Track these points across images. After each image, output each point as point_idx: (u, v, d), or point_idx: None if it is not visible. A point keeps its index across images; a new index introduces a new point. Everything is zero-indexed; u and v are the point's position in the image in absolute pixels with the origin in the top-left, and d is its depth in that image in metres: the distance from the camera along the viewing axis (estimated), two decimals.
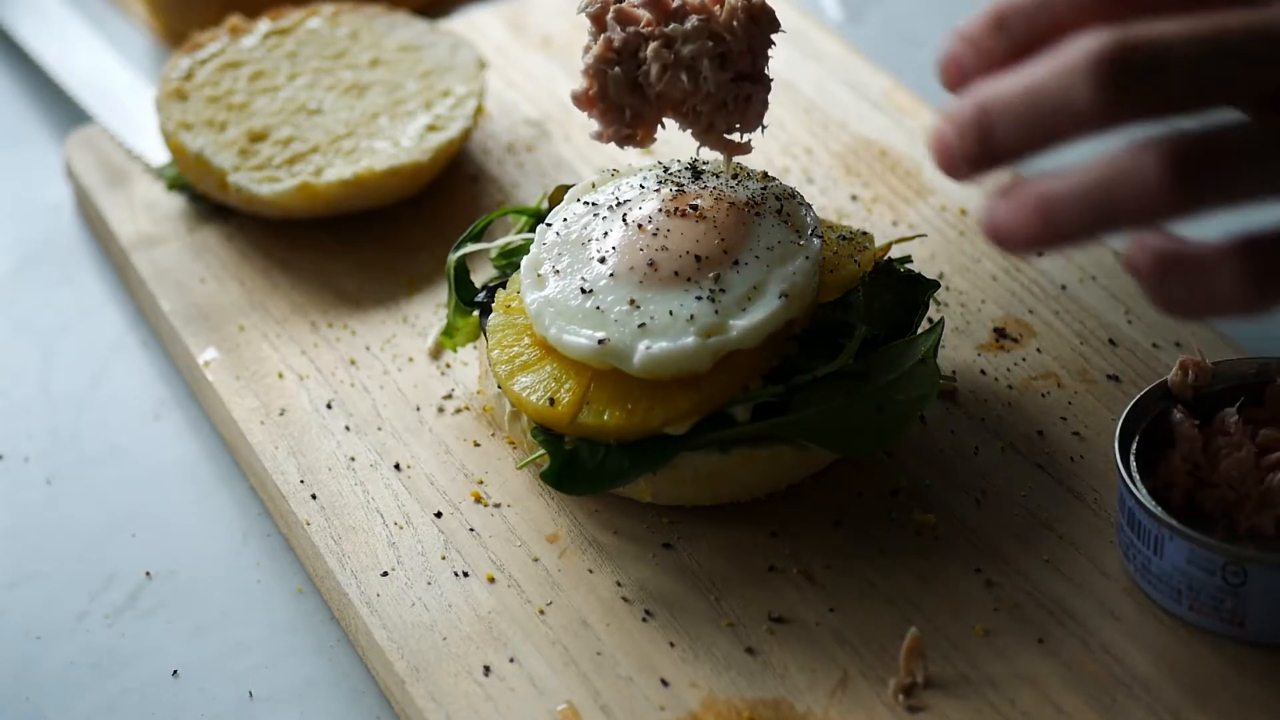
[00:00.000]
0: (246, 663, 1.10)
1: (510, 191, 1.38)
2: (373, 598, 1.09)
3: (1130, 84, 0.85)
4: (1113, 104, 0.85)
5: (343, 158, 1.33)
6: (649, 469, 1.08)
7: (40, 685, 1.10)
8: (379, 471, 1.17)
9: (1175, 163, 0.85)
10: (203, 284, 1.31)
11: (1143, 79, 0.85)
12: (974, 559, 1.09)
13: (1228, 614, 1.03)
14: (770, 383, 1.09)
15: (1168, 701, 1.01)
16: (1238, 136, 0.86)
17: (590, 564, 1.10)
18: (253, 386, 1.23)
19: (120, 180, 1.40)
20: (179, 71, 1.39)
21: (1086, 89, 0.85)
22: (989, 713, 1.01)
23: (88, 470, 1.23)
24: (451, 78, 1.39)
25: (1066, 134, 0.87)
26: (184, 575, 1.16)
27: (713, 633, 1.06)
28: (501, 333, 1.13)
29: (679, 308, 1.08)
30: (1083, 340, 1.22)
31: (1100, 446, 1.15)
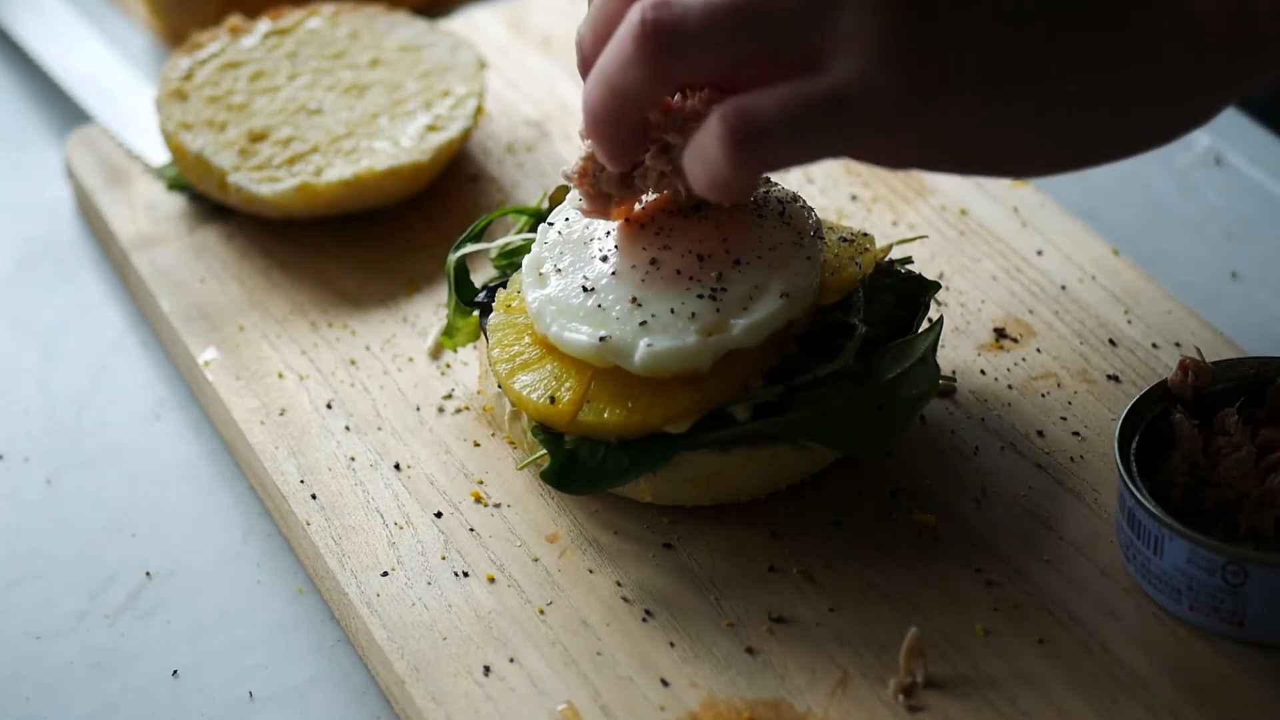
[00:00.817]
0: (246, 663, 1.10)
1: (510, 191, 1.38)
2: (373, 598, 1.09)
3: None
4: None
5: (343, 158, 1.33)
6: (649, 468, 1.08)
7: (40, 685, 1.10)
8: (379, 471, 1.17)
9: (648, 23, 0.95)
10: (203, 284, 1.31)
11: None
12: (974, 559, 1.09)
13: (1228, 614, 1.03)
14: (770, 382, 1.09)
15: (1168, 701, 1.01)
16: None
17: (590, 564, 1.10)
18: (253, 386, 1.23)
19: (120, 180, 1.40)
20: (179, 71, 1.39)
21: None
22: (989, 713, 1.01)
23: (88, 470, 1.23)
24: (451, 78, 1.39)
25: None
26: (184, 575, 1.16)
27: (713, 633, 1.06)
28: (502, 332, 1.13)
29: (680, 306, 1.08)
30: (1083, 340, 1.22)
31: (1100, 446, 1.15)
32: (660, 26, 0.95)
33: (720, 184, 0.96)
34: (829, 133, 0.93)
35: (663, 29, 0.95)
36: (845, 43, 0.92)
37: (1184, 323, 1.22)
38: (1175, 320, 1.23)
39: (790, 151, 0.94)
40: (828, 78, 0.92)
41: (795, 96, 0.93)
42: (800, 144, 0.94)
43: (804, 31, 0.93)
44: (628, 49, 0.96)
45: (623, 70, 0.97)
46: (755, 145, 0.93)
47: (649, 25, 0.95)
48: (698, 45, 0.95)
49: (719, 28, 0.94)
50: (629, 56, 0.96)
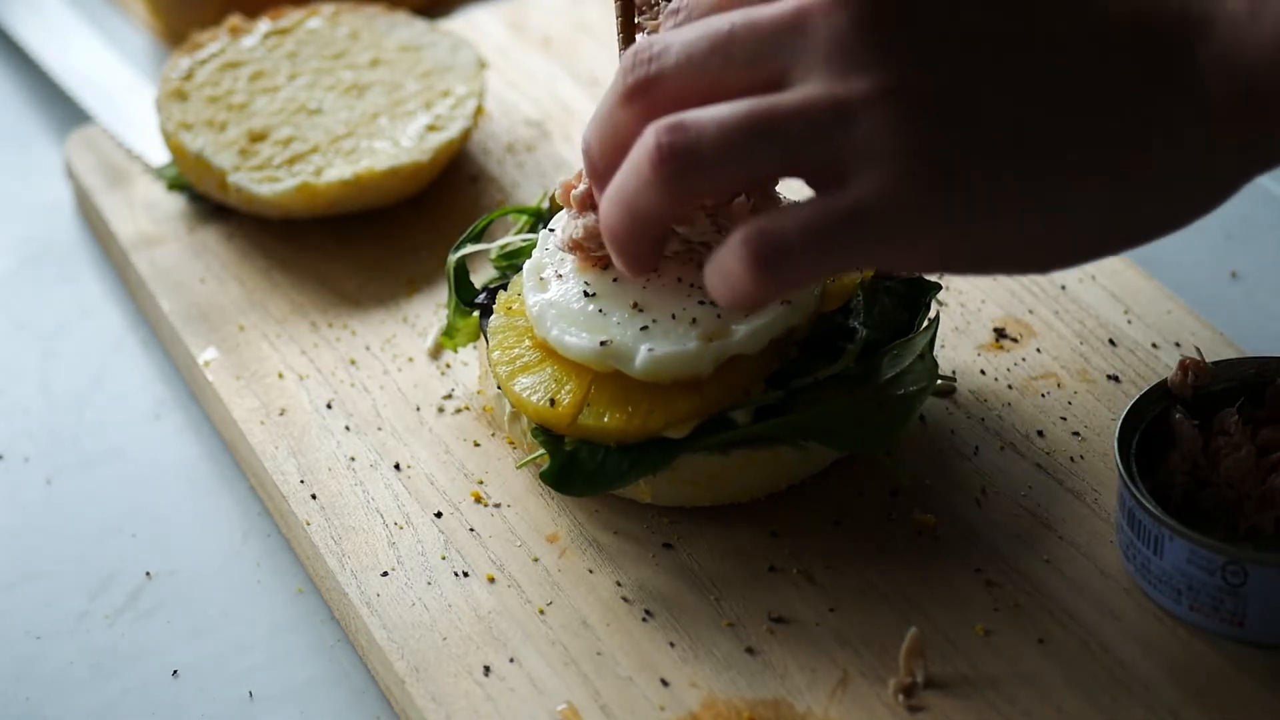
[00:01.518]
0: (246, 663, 1.10)
1: (510, 191, 1.38)
2: (373, 598, 1.09)
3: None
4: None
5: (343, 158, 1.33)
6: (649, 470, 1.08)
7: (40, 685, 1.10)
8: (379, 471, 1.17)
9: (657, 140, 0.94)
10: (203, 284, 1.31)
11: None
12: (974, 559, 1.09)
13: (1228, 614, 1.03)
14: (772, 386, 1.09)
15: (1168, 701, 1.01)
16: (711, 114, 0.94)
17: (590, 564, 1.10)
18: (253, 386, 1.23)
19: (120, 180, 1.40)
20: (179, 71, 1.39)
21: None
22: (989, 713, 1.01)
23: (88, 470, 1.23)
24: (451, 78, 1.39)
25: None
26: (184, 575, 1.16)
27: (713, 633, 1.06)
28: (502, 334, 1.13)
29: (681, 311, 1.08)
30: (1083, 340, 1.22)
31: (1100, 446, 1.15)
32: (676, 150, 0.94)
33: (743, 300, 0.95)
34: (852, 247, 0.93)
35: (679, 153, 0.94)
36: (863, 156, 0.91)
37: (1184, 323, 1.22)
38: (1175, 320, 1.23)
39: (814, 268, 0.94)
40: (849, 192, 0.91)
41: (816, 214, 0.92)
42: (823, 260, 0.93)
43: (819, 147, 0.92)
44: (645, 173, 0.95)
45: (641, 194, 0.96)
46: (779, 265, 0.93)
47: (665, 150, 0.94)
48: (715, 167, 0.94)
49: (734, 149, 0.93)
50: (646, 180, 0.95)
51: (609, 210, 0.98)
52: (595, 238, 1.09)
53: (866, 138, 0.91)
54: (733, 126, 0.93)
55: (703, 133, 0.93)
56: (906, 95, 0.91)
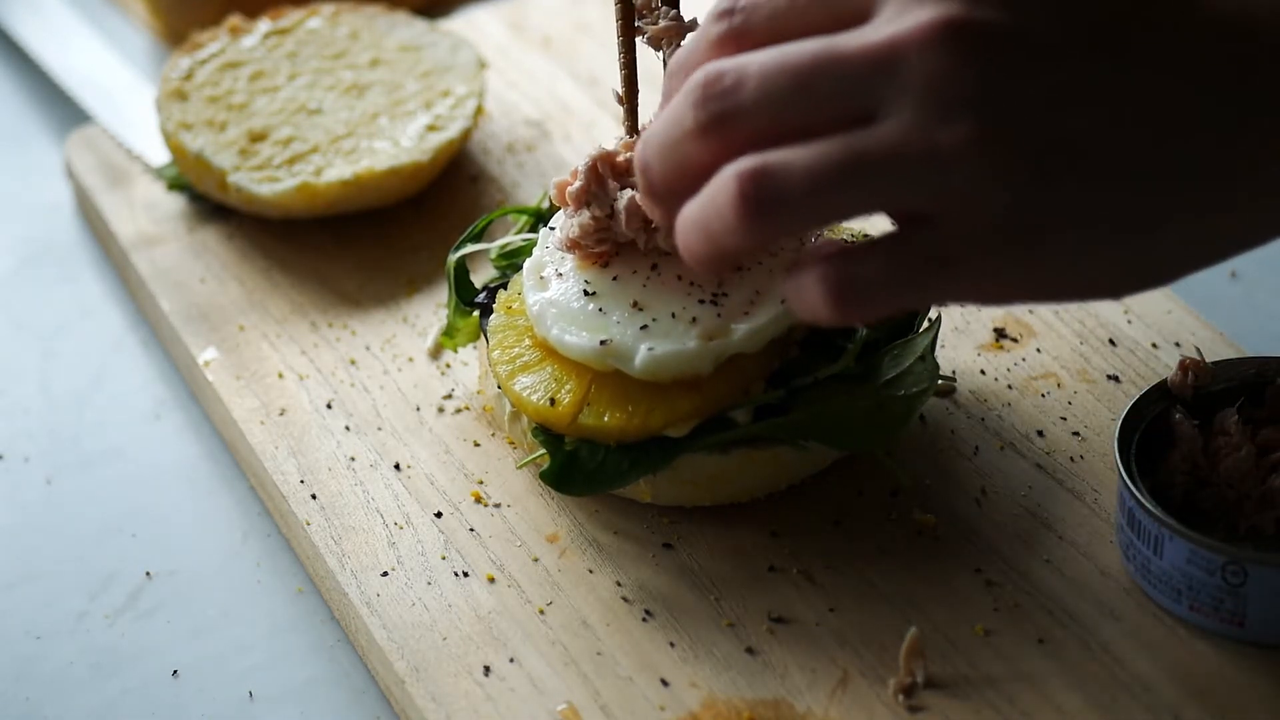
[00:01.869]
0: (246, 663, 1.10)
1: (510, 191, 1.38)
2: (373, 598, 1.09)
3: (715, 106, 0.91)
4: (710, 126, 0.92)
5: (343, 158, 1.33)
6: (649, 470, 1.08)
7: (40, 685, 1.10)
8: (379, 471, 1.17)
9: (739, 188, 0.90)
10: (203, 284, 1.31)
11: (724, 101, 0.91)
12: (974, 559, 1.09)
13: (1228, 614, 1.03)
14: (772, 386, 1.09)
15: (1168, 701, 1.01)
16: (796, 158, 0.90)
17: (590, 564, 1.10)
18: (253, 386, 1.23)
19: (120, 180, 1.40)
20: (179, 71, 1.39)
21: (690, 115, 0.92)
22: (989, 713, 1.01)
23: (88, 470, 1.23)
24: (451, 78, 1.39)
25: (694, 159, 0.94)
26: (184, 575, 1.16)
27: (713, 633, 1.06)
28: (502, 333, 1.13)
29: (681, 310, 1.08)
30: (1083, 340, 1.22)
31: (1100, 446, 1.15)
32: (764, 202, 0.89)
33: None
34: (931, 286, 0.90)
35: (765, 204, 0.89)
36: (955, 202, 0.88)
37: (1184, 323, 1.22)
38: (1175, 320, 1.23)
39: (895, 303, 0.91)
40: (936, 233, 0.89)
41: (906, 257, 0.90)
42: (901, 297, 0.91)
43: (911, 192, 0.88)
44: (728, 216, 0.90)
45: (725, 233, 0.91)
46: (861, 302, 0.91)
47: (751, 198, 0.89)
48: (803, 212, 0.90)
49: (823, 194, 0.89)
50: (729, 223, 0.91)
51: (691, 237, 0.94)
52: (592, 235, 1.09)
53: (962, 186, 0.88)
54: (820, 172, 0.89)
55: (790, 178, 0.89)
56: (1004, 144, 0.87)
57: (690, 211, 0.94)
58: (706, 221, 0.92)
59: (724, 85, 0.92)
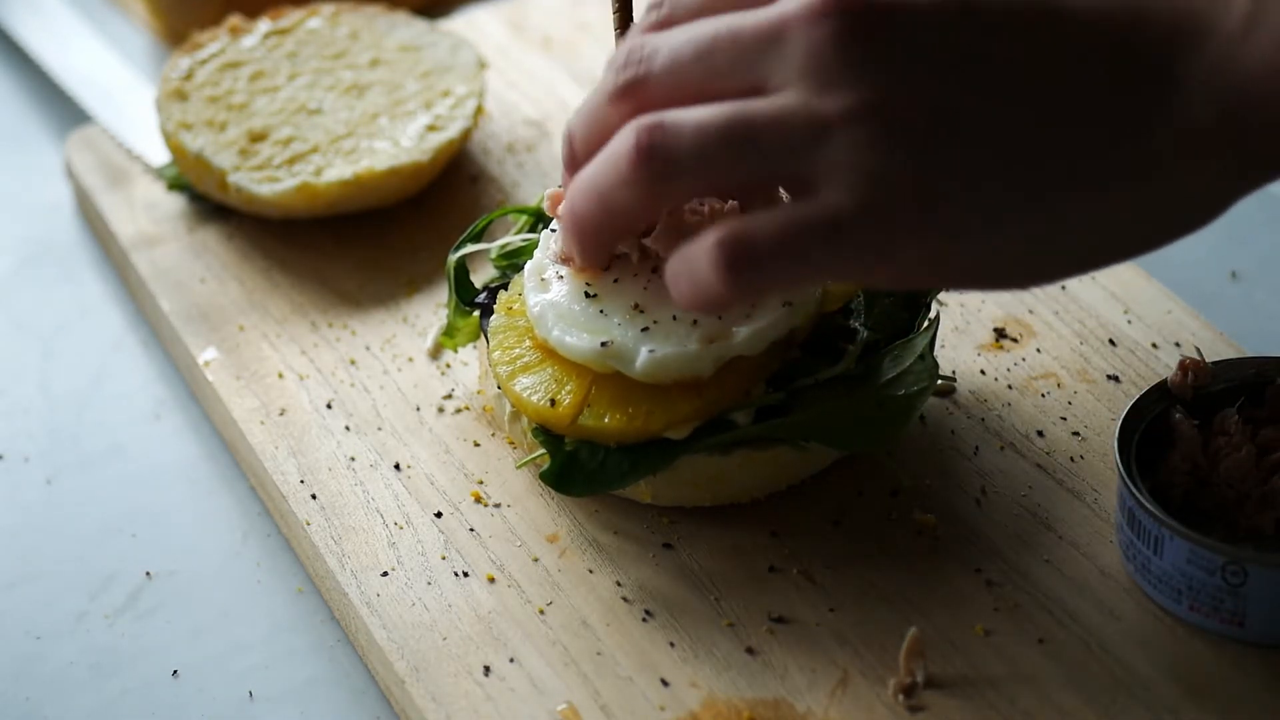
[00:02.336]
0: (246, 663, 1.10)
1: (510, 191, 1.38)
2: (373, 598, 1.09)
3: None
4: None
5: (343, 158, 1.33)
6: (649, 471, 1.08)
7: (40, 685, 1.10)
8: (379, 471, 1.17)
9: (642, 140, 0.95)
10: (203, 284, 1.31)
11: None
12: (974, 559, 1.09)
13: (1228, 614, 1.03)
14: (773, 388, 1.09)
15: (1168, 701, 1.01)
16: (693, 117, 0.94)
17: (590, 564, 1.10)
18: (253, 386, 1.23)
19: (120, 180, 1.40)
20: (179, 71, 1.39)
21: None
22: (989, 713, 1.01)
23: (88, 470, 1.23)
24: (451, 78, 1.39)
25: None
26: (184, 575, 1.16)
27: (713, 633, 1.06)
28: (503, 334, 1.13)
29: (682, 312, 1.08)
30: (1083, 340, 1.22)
31: (1100, 446, 1.15)
32: (655, 152, 0.94)
33: (707, 302, 0.96)
34: (826, 259, 0.93)
35: (657, 154, 0.94)
36: (838, 171, 0.91)
37: (1184, 323, 1.22)
38: (1175, 320, 1.23)
39: (785, 277, 0.94)
40: (823, 205, 0.91)
41: (791, 223, 0.92)
42: (796, 271, 0.94)
43: (794, 159, 0.92)
44: (622, 169, 0.96)
45: (616, 189, 0.97)
46: (751, 269, 0.93)
47: (644, 150, 0.94)
48: (689, 171, 0.94)
49: (709, 152, 0.93)
50: (623, 177, 0.96)
51: (580, 198, 0.99)
52: None
53: (842, 154, 0.90)
54: (709, 130, 0.93)
55: (680, 134, 0.94)
56: (883, 113, 0.90)
57: (587, 171, 0.98)
58: (599, 176, 0.97)
59: (640, 55, 0.98)
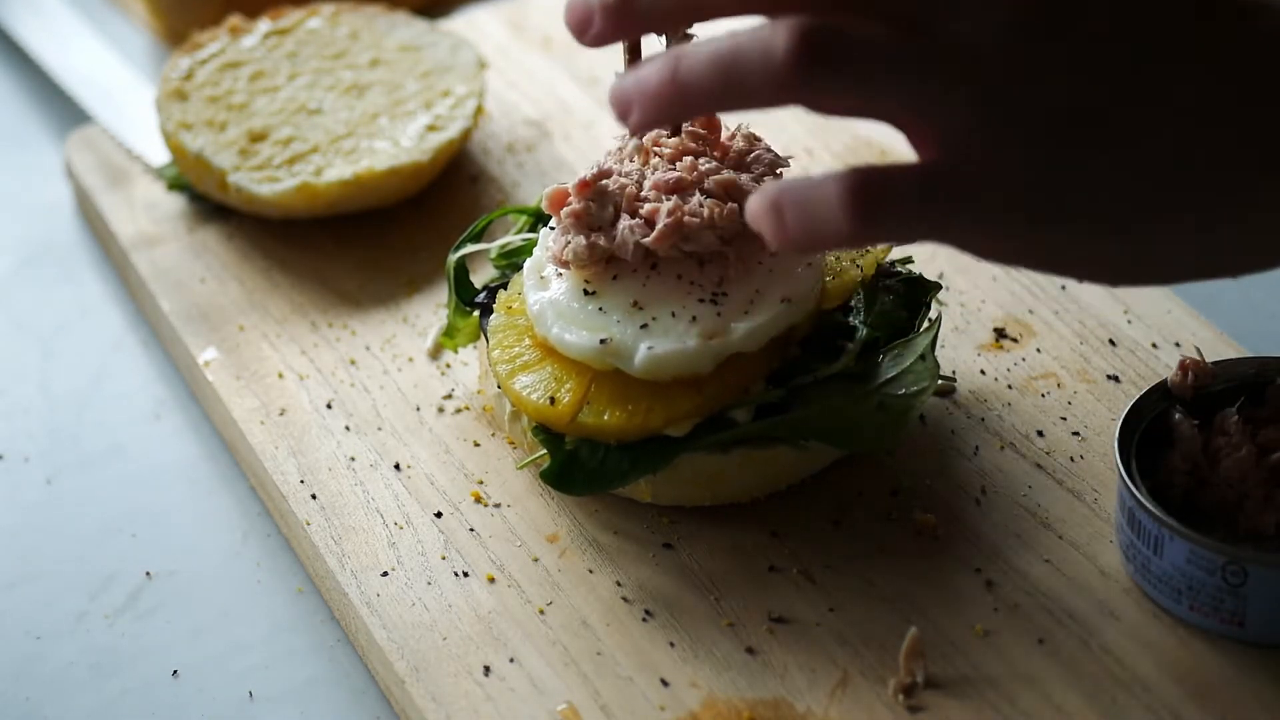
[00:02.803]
0: (246, 663, 1.10)
1: (510, 191, 1.38)
2: (373, 598, 1.09)
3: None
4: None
5: (343, 158, 1.33)
6: (649, 469, 1.08)
7: (40, 685, 1.10)
8: (379, 471, 1.17)
9: (801, 38, 0.88)
10: (203, 284, 1.31)
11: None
12: (974, 559, 1.09)
13: (1228, 614, 1.03)
14: (772, 385, 1.09)
15: (1168, 701, 1.01)
16: (861, 35, 0.89)
17: (590, 564, 1.10)
18: (253, 386, 1.23)
19: (120, 180, 1.40)
20: (179, 71, 1.39)
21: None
22: (989, 713, 1.01)
23: (88, 470, 1.23)
24: (451, 78, 1.39)
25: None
26: (184, 575, 1.16)
27: (713, 633, 1.06)
28: (503, 333, 1.13)
29: (681, 310, 1.08)
30: (1083, 340, 1.22)
31: (1100, 446, 1.15)
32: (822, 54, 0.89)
33: (822, 238, 0.90)
34: (952, 222, 0.90)
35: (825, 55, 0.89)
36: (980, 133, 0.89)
37: (1184, 323, 1.22)
38: (1175, 320, 1.23)
39: (912, 228, 0.91)
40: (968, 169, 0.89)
41: (929, 178, 0.90)
42: (922, 223, 0.90)
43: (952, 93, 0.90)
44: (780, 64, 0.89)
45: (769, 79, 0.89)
46: (880, 213, 0.90)
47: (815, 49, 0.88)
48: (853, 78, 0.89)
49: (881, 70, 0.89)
50: (779, 73, 0.89)
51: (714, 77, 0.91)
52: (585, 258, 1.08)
53: (998, 124, 0.89)
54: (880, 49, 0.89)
55: (851, 46, 0.89)
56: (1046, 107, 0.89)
57: (710, 45, 0.91)
58: (736, 57, 0.90)
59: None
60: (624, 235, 1.08)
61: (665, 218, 1.07)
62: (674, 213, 1.07)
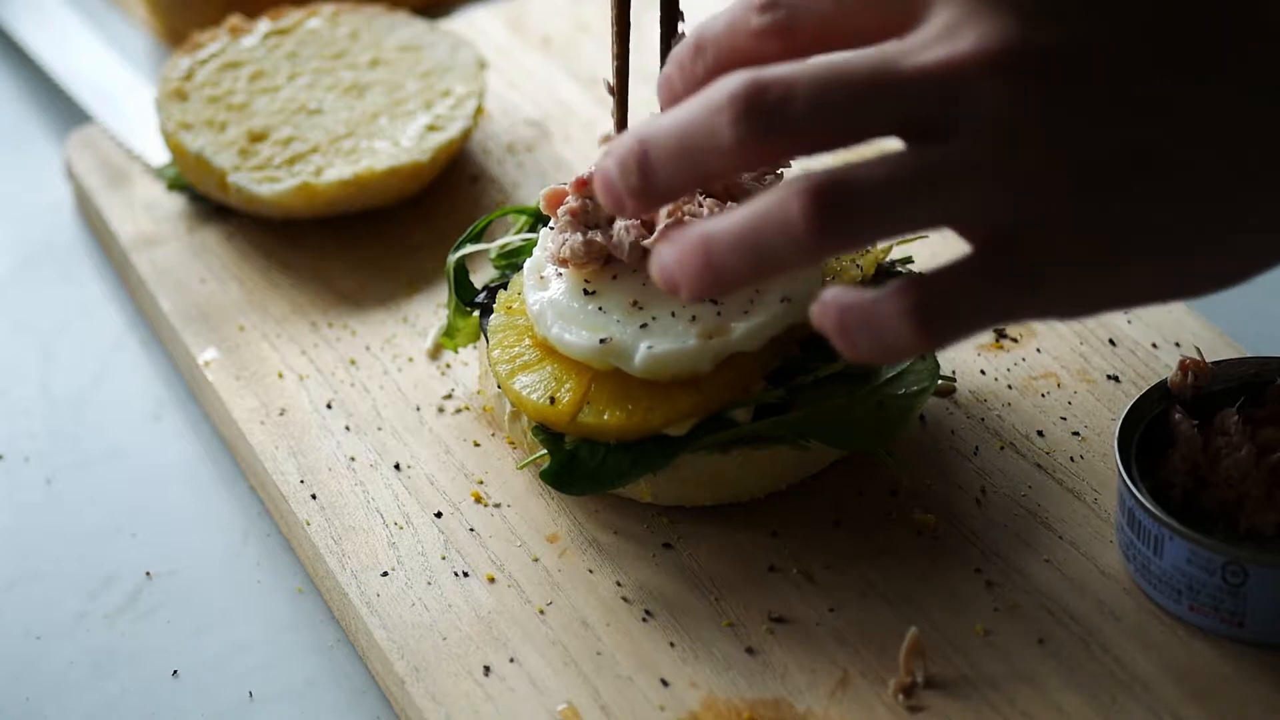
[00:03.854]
0: (246, 663, 1.10)
1: (510, 191, 1.38)
2: (373, 598, 1.09)
3: (763, 123, 0.88)
4: (750, 141, 0.88)
5: (343, 158, 1.33)
6: (649, 469, 1.08)
7: (40, 685, 1.10)
8: (379, 471, 1.17)
9: (815, 203, 0.87)
10: (203, 284, 1.31)
11: (774, 118, 0.88)
12: (974, 559, 1.09)
13: (1228, 614, 1.03)
14: (772, 385, 1.09)
15: (1168, 701, 1.01)
16: (868, 173, 0.88)
17: (590, 564, 1.10)
18: (253, 386, 1.23)
19: (120, 180, 1.40)
20: (179, 71, 1.39)
21: (728, 129, 0.88)
22: (989, 713, 1.01)
23: (88, 470, 1.23)
24: (451, 78, 1.39)
25: (716, 170, 0.91)
26: (184, 575, 1.16)
27: (713, 633, 1.06)
28: (503, 333, 1.13)
29: (681, 309, 1.08)
30: (1082, 340, 1.22)
31: (1100, 446, 1.15)
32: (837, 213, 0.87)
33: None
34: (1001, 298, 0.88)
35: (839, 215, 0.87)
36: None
37: (1184, 323, 1.22)
38: (1175, 320, 1.23)
39: (976, 323, 0.89)
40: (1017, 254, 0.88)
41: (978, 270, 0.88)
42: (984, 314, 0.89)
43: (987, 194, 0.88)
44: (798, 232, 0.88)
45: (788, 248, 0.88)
46: (944, 321, 0.88)
47: (826, 210, 0.87)
48: (875, 223, 0.88)
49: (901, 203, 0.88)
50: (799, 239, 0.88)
51: (735, 254, 0.90)
52: (583, 256, 1.08)
53: (1038, 204, 0.87)
54: (894, 186, 0.87)
55: (863, 192, 0.87)
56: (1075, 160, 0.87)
57: (732, 228, 0.90)
58: (759, 236, 0.89)
59: (770, 99, 0.88)
60: (619, 235, 1.08)
61: (665, 219, 1.07)
62: (674, 213, 1.07)
